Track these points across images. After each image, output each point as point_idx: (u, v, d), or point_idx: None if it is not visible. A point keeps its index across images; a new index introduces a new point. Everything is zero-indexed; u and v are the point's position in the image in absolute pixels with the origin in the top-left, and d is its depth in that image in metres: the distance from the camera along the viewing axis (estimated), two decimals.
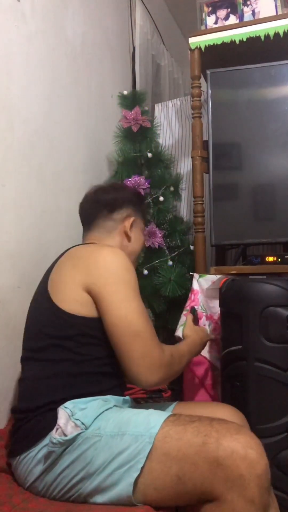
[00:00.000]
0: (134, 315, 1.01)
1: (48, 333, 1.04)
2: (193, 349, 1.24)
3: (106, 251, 1.09)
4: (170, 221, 1.98)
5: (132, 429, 0.89)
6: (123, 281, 1.04)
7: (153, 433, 0.87)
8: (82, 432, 0.91)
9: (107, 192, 1.27)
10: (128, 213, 1.26)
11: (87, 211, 1.28)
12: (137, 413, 0.94)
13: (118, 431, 0.90)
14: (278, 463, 1.26)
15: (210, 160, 1.68)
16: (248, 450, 0.81)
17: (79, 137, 1.94)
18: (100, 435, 0.90)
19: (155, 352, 1.01)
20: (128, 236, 1.25)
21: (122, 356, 1.01)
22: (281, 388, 1.28)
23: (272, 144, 1.64)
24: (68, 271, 1.08)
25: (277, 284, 1.31)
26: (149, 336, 1.02)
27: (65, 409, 0.94)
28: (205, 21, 1.83)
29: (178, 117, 2.41)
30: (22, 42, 1.55)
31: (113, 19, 2.33)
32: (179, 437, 0.86)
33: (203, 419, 0.90)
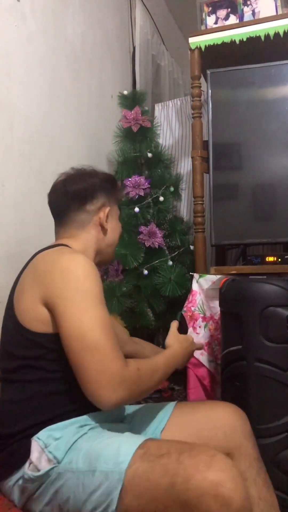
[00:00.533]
0: (89, 327, 0.91)
1: (17, 354, 0.98)
2: (172, 361, 1.10)
3: (64, 258, 1.00)
4: (170, 221, 1.98)
5: (102, 465, 0.84)
6: (80, 290, 0.94)
7: (123, 469, 0.82)
8: (55, 467, 0.87)
9: (76, 181, 1.15)
10: (102, 203, 1.16)
11: (56, 204, 1.17)
12: (108, 444, 0.88)
13: (89, 466, 0.85)
14: (278, 463, 1.25)
15: (210, 160, 1.68)
16: (220, 489, 0.74)
17: (79, 137, 1.94)
18: (72, 471, 0.86)
19: (115, 367, 0.89)
20: (105, 229, 1.16)
21: (78, 372, 0.91)
22: (281, 388, 1.28)
23: (272, 144, 1.63)
24: (29, 284, 1.01)
25: (277, 284, 1.31)
26: (107, 349, 0.90)
27: (38, 441, 0.90)
28: (205, 21, 1.83)
29: (178, 117, 2.41)
30: (22, 42, 1.55)
31: (113, 19, 2.34)
32: (147, 477, 0.81)
33: (172, 451, 0.83)
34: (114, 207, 1.21)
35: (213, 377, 1.63)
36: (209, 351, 1.63)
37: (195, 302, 1.65)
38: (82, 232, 1.14)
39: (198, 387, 1.61)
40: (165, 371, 1.05)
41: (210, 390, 1.61)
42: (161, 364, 1.04)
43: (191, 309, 1.65)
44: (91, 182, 1.16)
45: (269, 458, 1.22)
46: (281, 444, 1.26)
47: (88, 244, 1.14)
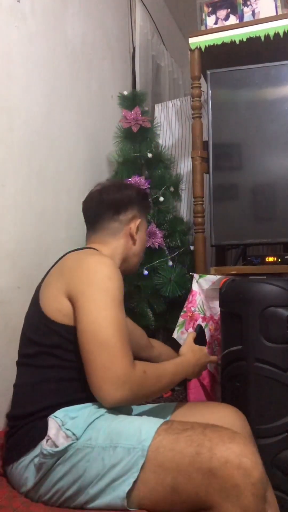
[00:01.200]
0: (103, 323, 0.95)
1: (36, 341, 1.04)
2: (182, 370, 1.12)
3: (92, 259, 1.07)
4: (170, 222, 1.98)
5: (124, 442, 0.88)
6: (102, 288, 0.99)
7: (146, 446, 0.86)
8: (73, 443, 0.90)
9: (112, 192, 1.25)
10: (133, 214, 1.25)
11: (91, 211, 1.26)
12: (129, 423, 0.92)
13: (110, 443, 0.88)
14: (278, 463, 1.25)
15: (210, 160, 1.68)
16: (242, 459, 0.80)
17: (79, 137, 1.94)
18: (91, 446, 0.89)
19: (121, 366, 0.92)
20: (134, 239, 1.25)
21: (86, 366, 0.95)
22: (281, 389, 1.28)
23: (272, 144, 1.64)
24: (56, 278, 1.07)
25: (277, 284, 1.31)
26: (117, 347, 0.93)
27: (56, 419, 0.93)
28: (205, 21, 1.83)
29: (178, 117, 2.41)
30: (22, 42, 1.55)
31: (113, 19, 2.34)
32: (172, 447, 0.85)
33: (196, 426, 0.89)
34: (144, 220, 1.29)
35: (213, 377, 1.63)
36: (209, 351, 1.63)
37: (195, 302, 1.65)
38: (113, 240, 1.21)
39: (198, 387, 1.61)
40: (172, 379, 1.07)
41: (210, 391, 1.61)
42: (169, 371, 1.06)
43: (191, 309, 1.65)
44: (126, 193, 1.25)
45: (269, 458, 1.22)
46: (281, 444, 1.26)
47: (116, 251, 1.21)
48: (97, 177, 2.06)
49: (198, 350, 1.21)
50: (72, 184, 1.81)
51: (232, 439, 0.84)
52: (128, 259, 1.25)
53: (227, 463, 0.80)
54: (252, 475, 0.79)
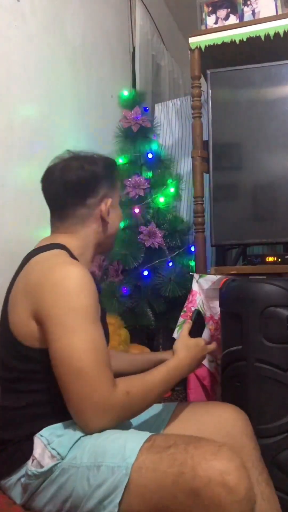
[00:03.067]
0: (75, 350, 0.86)
1: (13, 366, 0.96)
2: (175, 374, 1.03)
3: (57, 272, 0.92)
4: (170, 221, 1.98)
5: (108, 460, 0.84)
6: (70, 308, 0.88)
7: (130, 463, 0.82)
8: (59, 463, 0.87)
9: (74, 170, 1.05)
10: (103, 193, 1.08)
11: (53, 195, 1.09)
12: (114, 440, 0.87)
13: (94, 461, 0.85)
14: (279, 463, 1.25)
15: (210, 160, 1.68)
16: (226, 477, 0.77)
17: (79, 137, 1.94)
18: (76, 466, 0.86)
19: (100, 394, 0.85)
20: (106, 222, 1.09)
21: (63, 395, 0.88)
22: (281, 389, 1.28)
23: (272, 144, 1.63)
24: (21, 296, 0.96)
25: (277, 284, 1.31)
26: (93, 374, 0.85)
27: (41, 438, 0.89)
28: (205, 21, 1.83)
29: (178, 117, 2.40)
30: (22, 42, 1.55)
31: (113, 19, 2.33)
32: (155, 468, 0.81)
33: (179, 443, 0.84)
34: (115, 194, 1.13)
35: (213, 377, 1.63)
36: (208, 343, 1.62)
37: (195, 302, 1.65)
38: (82, 228, 1.07)
39: (198, 387, 1.61)
40: (164, 387, 1.00)
41: (210, 390, 1.61)
42: (159, 380, 0.98)
43: (191, 309, 1.64)
44: (90, 171, 1.06)
45: (269, 458, 1.22)
46: (281, 444, 1.26)
47: (88, 239, 1.08)
48: None
49: (193, 346, 1.09)
50: None
51: (216, 455, 0.80)
52: (102, 243, 1.12)
53: (210, 482, 0.77)
54: (237, 492, 0.76)
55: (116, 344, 1.70)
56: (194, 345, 1.10)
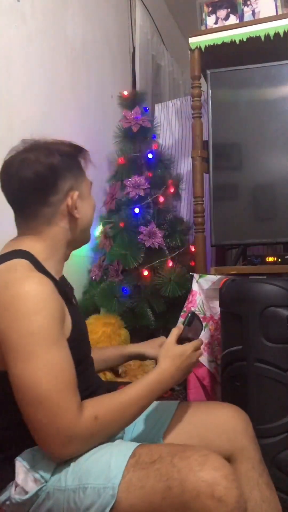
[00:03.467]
0: (33, 377, 0.79)
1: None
2: (157, 388, 0.94)
3: (12, 289, 0.83)
4: (170, 221, 1.98)
5: (93, 481, 0.81)
6: (27, 332, 0.80)
7: (116, 484, 0.80)
8: (43, 486, 0.83)
9: (30, 165, 0.94)
10: (68, 187, 0.97)
11: (11, 194, 0.97)
12: (97, 459, 0.84)
13: (79, 483, 0.82)
14: (278, 463, 1.25)
15: (210, 160, 1.68)
16: (215, 487, 0.75)
17: (79, 137, 1.93)
18: (62, 489, 0.83)
19: (63, 422, 0.79)
20: (75, 217, 0.98)
21: (27, 423, 0.82)
22: (281, 389, 1.28)
23: (272, 144, 1.63)
24: None
25: (277, 284, 1.31)
26: (54, 402, 0.79)
27: (22, 462, 0.84)
28: (205, 21, 1.83)
29: (178, 117, 2.40)
30: (22, 42, 1.55)
31: (113, 19, 2.33)
32: (142, 485, 0.79)
33: (164, 455, 0.82)
34: (82, 184, 1.01)
35: (213, 378, 1.63)
36: (209, 351, 1.63)
37: (195, 302, 1.65)
38: (48, 227, 0.96)
39: (198, 388, 1.61)
40: (143, 404, 0.92)
41: (210, 391, 1.61)
42: (135, 398, 0.90)
43: (191, 309, 1.64)
44: (48, 164, 0.94)
45: (269, 458, 1.22)
46: (281, 444, 1.26)
47: (56, 239, 0.97)
48: (97, 177, 2.06)
49: (178, 355, 0.99)
50: None
51: (203, 465, 0.78)
52: (76, 239, 1.02)
53: (199, 495, 0.76)
54: (227, 502, 0.75)
55: (116, 344, 1.70)
56: (179, 354, 0.99)
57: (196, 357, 1.03)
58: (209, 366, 1.62)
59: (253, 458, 1.04)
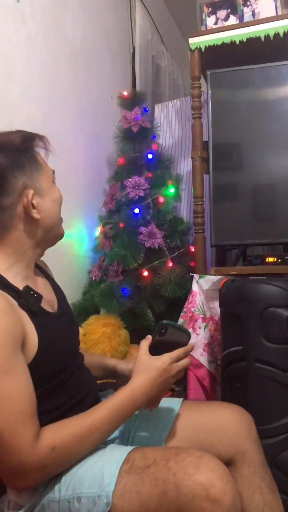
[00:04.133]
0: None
1: None
2: (129, 405, 0.88)
3: None
4: (170, 222, 1.98)
5: (87, 490, 0.80)
6: None
7: (110, 492, 0.79)
8: (38, 498, 0.83)
9: None
10: (21, 186, 0.88)
11: None
12: (90, 466, 0.83)
13: (73, 493, 0.81)
14: (279, 464, 1.25)
15: (210, 160, 1.68)
16: (210, 490, 0.75)
17: (79, 137, 1.94)
18: (56, 500, 0.82)
19: (17, 457, 0.76)
20: (35, 218, 0.90)
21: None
22: (281, 389, 1.28)
23: (272, 145, 1.63)
24: None
25: (277, 284, 1.31)
26: (7, 437, 0.75)
27: None
28: (205, 21, 1.83)
29: (178, 117, 2.40)
30: (22, 42, 1.55)
31: (113, 19, 2.34)
32: (138, 490, 0.79)
33: (158, 460, 0.81)
34: (40, 177, 0.92)
35: (213, 378, 1.63)
36: (209, 352, 1.63)
37: (195, 302, 1.65)
38: (7, 233, 0.89)
39: (198, 388, 1.61)
40: (111, 425, 0.87)
41: (210, 391, 1.61)
42: (100, 421, 0.84)
43: (191, 310, 1.64)
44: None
45: (269, 459, 1.21)
46: (281, 445, 1.26)
47: (19, 244, 0.90)
48: (97, 177, 2.06)
49: (153, 369, 0.90)
50: (72, 184, 1.81)
51: (197, 468, 0.78)
52: (44, 239, 0.95)
53: (194, 498, 0.76)
54: (222, 503, 0.75)
55: (116, 345, 1.70)
56: (155, 367, 0.90)
57: (176, 369, 0.93)
58: (209, 367, 1.62)
59: (255, 461, 1.02)
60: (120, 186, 1.98)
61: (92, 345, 1.68)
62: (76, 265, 1.96)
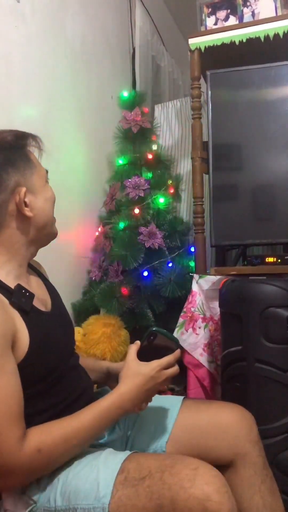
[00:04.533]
0: None
1: None
2: (116, 410, 0.88)
3: None
4: (170, 222, 1.98)
5: (82, 502, 0.79)
6: None
7: (106, 504, 0.78)
8: (34, 507, 0.83)
9: None
10: (12, 185, 0.88)
11: None
12: (85, 476, 0.82)
13: (68, 504, 0.80)
14: (278, 464, 1.25)
15: (210, 161, 1.68)
16: (206, 503, 0.74)
17: (79, 137, 1.94)
18: (52, 510, 0.82)
19: (3, 455, 0.76)
20: (27, 216, 0.90)
21: None
22: (281, 389, 1.28)
23: (272, 145, 1.64)
24: None
25: (277, 285, 1.31)
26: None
27: None
28: (205, 22, 1.83)
29: (178, 118, 2.41)
30: (22, 42, 1.55)
31: (113, 19, 2.34)
32: (133, 504, 0.78)
33: (153, 471, 0.80)
34: (33, 176, 0.92)
35: (213, 378, 1.63)
36: (209, 352, 1.63)
37: (195, 302, 1.65)
38: (1, 230, 0.89)
39: (198, 388, 1.61)
40: (96, 430, 0.87)
41: (210, 391, 1.61)
42: (86, 424, 0.85)
43: (190, 310, 1.65)
44: None
45: (269, 459, 1.21)
46: (281, 444, 1.26)
47: (12, 241, 0.90)
48: (97, 177, 2.07)
49: (140, 375, 0.90)
50: (72, 185, 1.81)
51: (193, 481, 0.76)
52: (37, 238, 0.95)
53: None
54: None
55: (116, 345, 1.70)
56: (142, 373, 0.90)
57: (163, 376, 0.93)
58: (209, 367, 1.62)
59: (255, 463, 1.02)
60: (120, 186, 1.98)
61: (92, 345, 1.68)
62: (76, 265, 1.96)
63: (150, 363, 0.92)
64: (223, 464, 1.00)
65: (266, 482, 1.01)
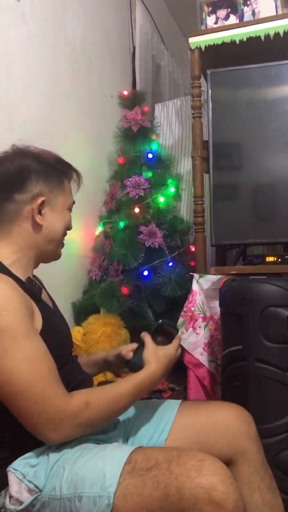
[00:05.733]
0: (13, 370, 0.81)
1: None
2: (148, 384, 0.98)
3: None
4: (170, 221, 1.98)
5: (88, 490, 0.81)
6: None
7: (111, 493, 0.79)
8: (38, 495, 0.84)
9: (3, 163, 0.98)
10: (36, 192, 0.96)
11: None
12: (92, 466, 0.84)
13: (74, 492, 0.82)
14: (278, 463, 1.25)
15: (210, 160, 1.68)
16: (212, 493, 0.76)
17: (79, 137, 1.94)
18: (57, 498, 0.83)
19: (52, 408, 0.82)
20: (38, 224, 0.97)
21: (17, 417, 0.84)
22: (281, 389, 1.28)
23: (272, 144, 1.63)
24: None
25: (277, 284, 1.31)
26: (38, 391, 0.82)
27: (15, 472, 0.85)
28: (205, 21, 1.83)
29: (178, 117, 2.41)
30: (22, 42, 1.55)
31: (113, 19, 2.33)
32: (140, 492, 0.79)
33: (160, 462, 0.82)
34: (58, 197, 1.01)
35: (213, 377, 1.63)
36: (209, 351, 1.63)
37: (195, 302, 1.65)
38: (13, 226, 0.96)
39: (198, 387, 1.61)
40: (132, 398, 0.95)
41: (210, 390, 1.61)
42: (127, 392, 0.94)
43: (191, 309, 1.65)
44: (19, 164, 0.97)
45: (269, 458, 1.21)
46: (281, 444, 1.27)
47: (21, 241, 0.97)
48: (97, 177, 2.06)
49: (163, 356, 1.04)
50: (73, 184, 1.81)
51: (200, 471, 0.78)
52: (40, 248, 1.00)
53: (197, 501, 0.76)
54: (225, 507, 0.76)
55: (116, 344, 1.70)
56: (163, 356, 1.04)
57: (178, 354, 1.08)
58: (209, 366, 1.62)
59: (254, 461, 1.02)
60: (120, 185, 1.98)
61: (92, 344, 1.68)
62: (76, 265, 1.96)
63: (166, 348, 1.06)
64: (223, 461, 1.00)
65: (265, 479, 1.02)
